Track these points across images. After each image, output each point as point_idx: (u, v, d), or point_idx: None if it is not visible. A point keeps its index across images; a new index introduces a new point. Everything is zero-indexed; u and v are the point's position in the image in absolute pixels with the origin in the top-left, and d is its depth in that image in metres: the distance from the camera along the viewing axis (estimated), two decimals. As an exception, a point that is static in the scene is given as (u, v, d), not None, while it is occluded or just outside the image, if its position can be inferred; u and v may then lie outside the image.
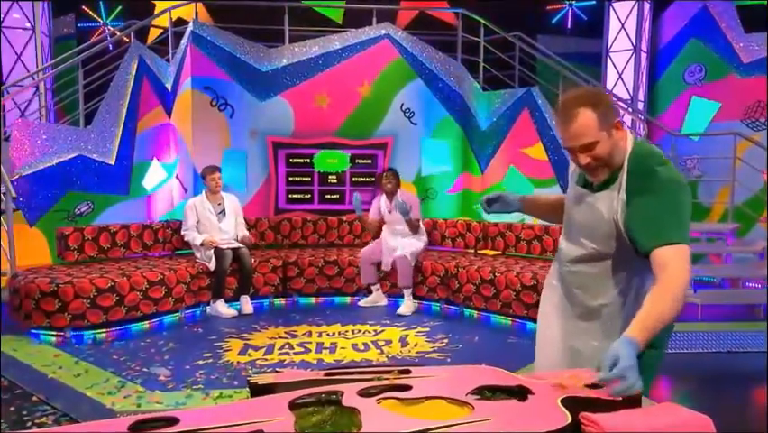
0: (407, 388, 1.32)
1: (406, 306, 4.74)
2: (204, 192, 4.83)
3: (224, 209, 4.85)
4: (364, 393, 1.28)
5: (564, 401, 1.24)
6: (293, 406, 1.23)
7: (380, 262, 4.93)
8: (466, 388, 1.31)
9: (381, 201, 5.04)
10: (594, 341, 1.66)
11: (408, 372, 1.45)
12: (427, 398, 1.28)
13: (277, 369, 1.99)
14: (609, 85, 7.17)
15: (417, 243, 4.98)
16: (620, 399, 1.27)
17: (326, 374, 1.42)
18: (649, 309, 1.36)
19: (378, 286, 4.98)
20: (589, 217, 1.58)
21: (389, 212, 4.95)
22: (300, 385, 1.35)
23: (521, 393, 1.31)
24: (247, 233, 4.91)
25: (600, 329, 1.65)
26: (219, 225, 4.76)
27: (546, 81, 6.36)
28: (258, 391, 1.37)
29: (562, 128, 1.52)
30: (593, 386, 1.33)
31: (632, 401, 1.27)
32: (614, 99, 1.84)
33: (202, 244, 4.65)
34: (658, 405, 1.32)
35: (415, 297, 4.89)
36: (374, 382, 1.35)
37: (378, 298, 4.97)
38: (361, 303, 4.97)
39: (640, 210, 1.46)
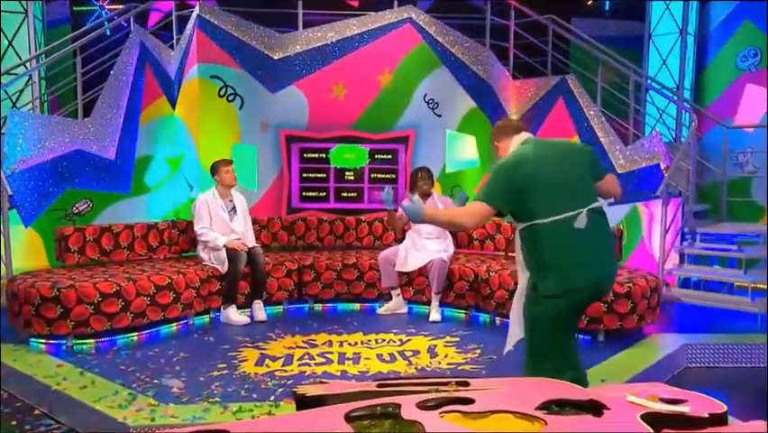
0: (470, 401, 1.32)
1: (438, 311, 4.78)
2: (214, 188, 4.86)
3: (234, 207, 4.88)
4: (424, 406, 1.29)
5: (645, 417, 1.24)
6: (349, 418, 1.24)
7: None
8: (533, 401, 1.32)
9: (414, 201, 5.04)
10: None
11: (467, 384, 1.46)
12: (493, 412, 1.28)
13: (323, 380, 2.01)
14: (652, 71, 7.12)
15: (450, 246, 5.02)
16: (706, 415, 1.27)
17: (378, 386, 1.44)
18: (438, 211, 3.29)
19: (398, 291, 5.00)
20: None
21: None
22: (352, 397, 1.36)
23: (594, 408, 1.31)
24: (258, 245, 4.93)
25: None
26: (231, 224, 4.80)
27: (583, 68, 6.33)
28: (306, 403, 1.38)
29: None
30: (671, 402, 1.34)
31: (718, 420, 1.27)
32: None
33: (225, 246, 4.66)
34: (746, 424, 1.31)
35: (443, 304, 4.91)
36: (432, 394, 1.36)
37: (398, 304, 4.99)
38: (380, 311, 5.00)
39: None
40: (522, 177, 2.37)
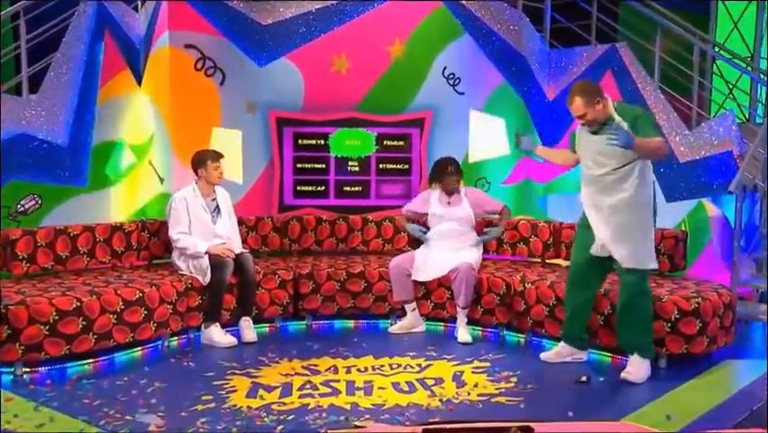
0: (537, 450, 1.34)
1: (467, 330, 4.81)
2: (195, 184, 4.88)
3: (218, 206, 4.91)
4: (483, 457, 1.31)
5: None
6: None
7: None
8: (613, 451, 1.33)
9: (433, 197, 5.08)
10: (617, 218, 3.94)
11: (530, 430, 1.47)
12: (567, 464, 1.30)
13: (357, 424, 2.01)
14: (720, 38, 7.11)
15: (477, 251, 5.05)
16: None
17: (425, 431, 1.45)
18: (646, 140, 3.73)
19: (414, 306, 5.04)
20: (607, 148, 3.81)
21: (448, 204, 5.05)
22: (396, 446, 1.37)
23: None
24: (246, 251, 4.99)
25: (621, 212, 3.91)
26: (214, 226, 4.82)
27: (636, 34, 6.33)
28: (340, 452, 1.40)
29: (568, 105, 3.98)
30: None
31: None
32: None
33: (207, 253, 4.68)
34: None
35: (468, 322, 4.93)
36: (491, 441, 1.38)
37: (413, 321, 5.04)
38: (392, 329, 5.05)
39: (642, 132, 3.77)
40: None
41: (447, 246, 5.00)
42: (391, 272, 5.02)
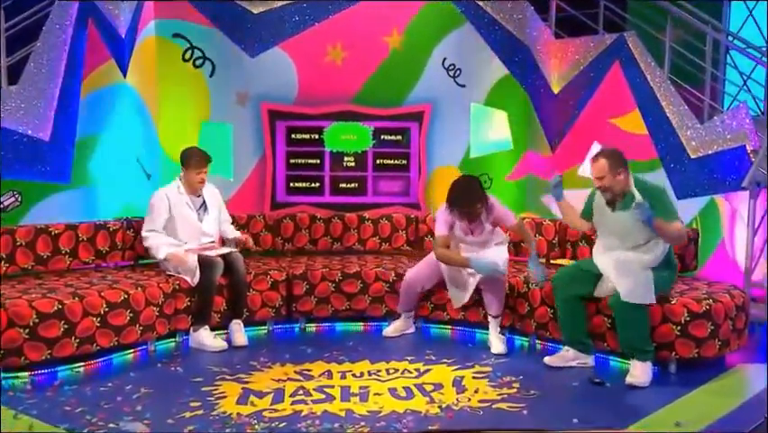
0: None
1: (501, 339, 4.72)
2: (180, 181, 4.89)
3: (204, 202, 4.92)
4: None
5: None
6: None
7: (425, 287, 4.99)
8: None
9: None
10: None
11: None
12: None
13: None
14: (734, 26, 7.10)
15: (504, 250, 4.86)
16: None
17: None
18: (666, 224, 3.97)
19: (411, 313, 5.11)
20: (625, 225, 4.10)
21: (471, 234, 4.79)
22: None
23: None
24: (238, 233, 5.05)
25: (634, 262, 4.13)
26: (200, 224, 4.84)
27: (645, 23, 6.33)
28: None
29: (591, 164, 4.20)
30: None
31: None
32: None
33: (165, 259, 4.71)
34: None
35: (469, 324, 4.98)
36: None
37: (406, 325, 5.10)
38: (386, 332, 5.07)
39: (659, 212, 3.95)
40: None
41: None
42: (405, 287, 4.97)
